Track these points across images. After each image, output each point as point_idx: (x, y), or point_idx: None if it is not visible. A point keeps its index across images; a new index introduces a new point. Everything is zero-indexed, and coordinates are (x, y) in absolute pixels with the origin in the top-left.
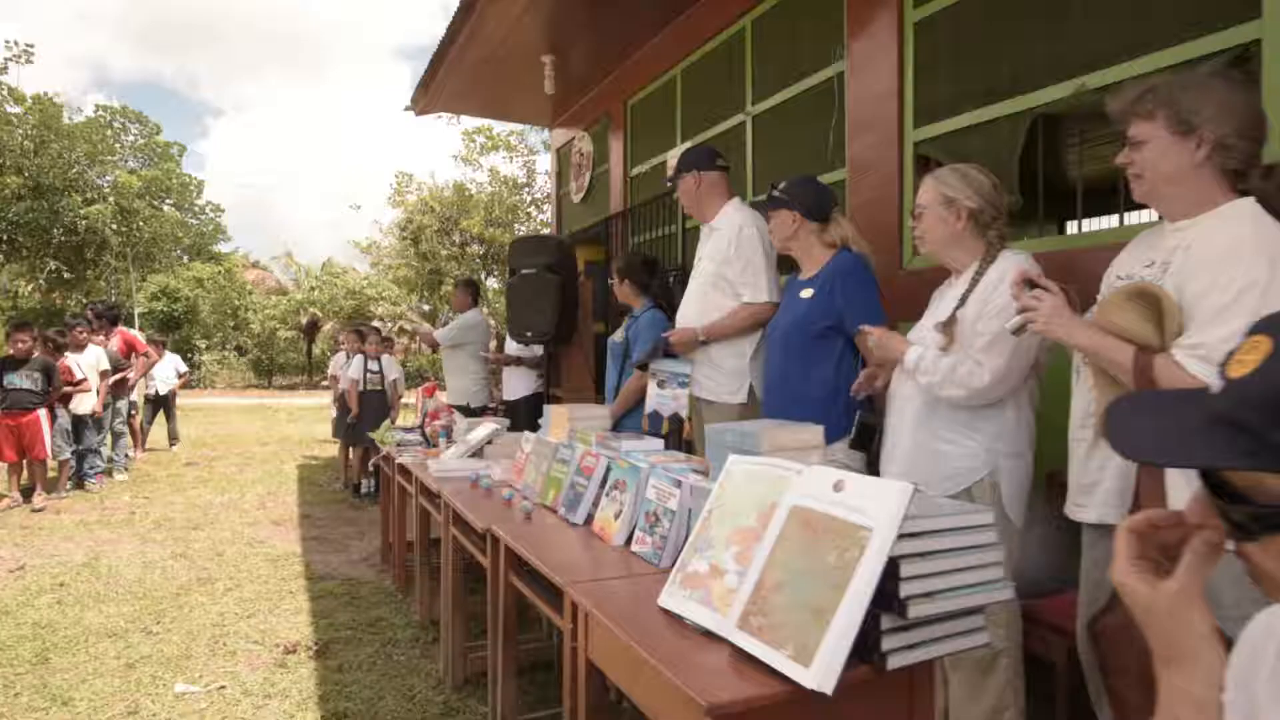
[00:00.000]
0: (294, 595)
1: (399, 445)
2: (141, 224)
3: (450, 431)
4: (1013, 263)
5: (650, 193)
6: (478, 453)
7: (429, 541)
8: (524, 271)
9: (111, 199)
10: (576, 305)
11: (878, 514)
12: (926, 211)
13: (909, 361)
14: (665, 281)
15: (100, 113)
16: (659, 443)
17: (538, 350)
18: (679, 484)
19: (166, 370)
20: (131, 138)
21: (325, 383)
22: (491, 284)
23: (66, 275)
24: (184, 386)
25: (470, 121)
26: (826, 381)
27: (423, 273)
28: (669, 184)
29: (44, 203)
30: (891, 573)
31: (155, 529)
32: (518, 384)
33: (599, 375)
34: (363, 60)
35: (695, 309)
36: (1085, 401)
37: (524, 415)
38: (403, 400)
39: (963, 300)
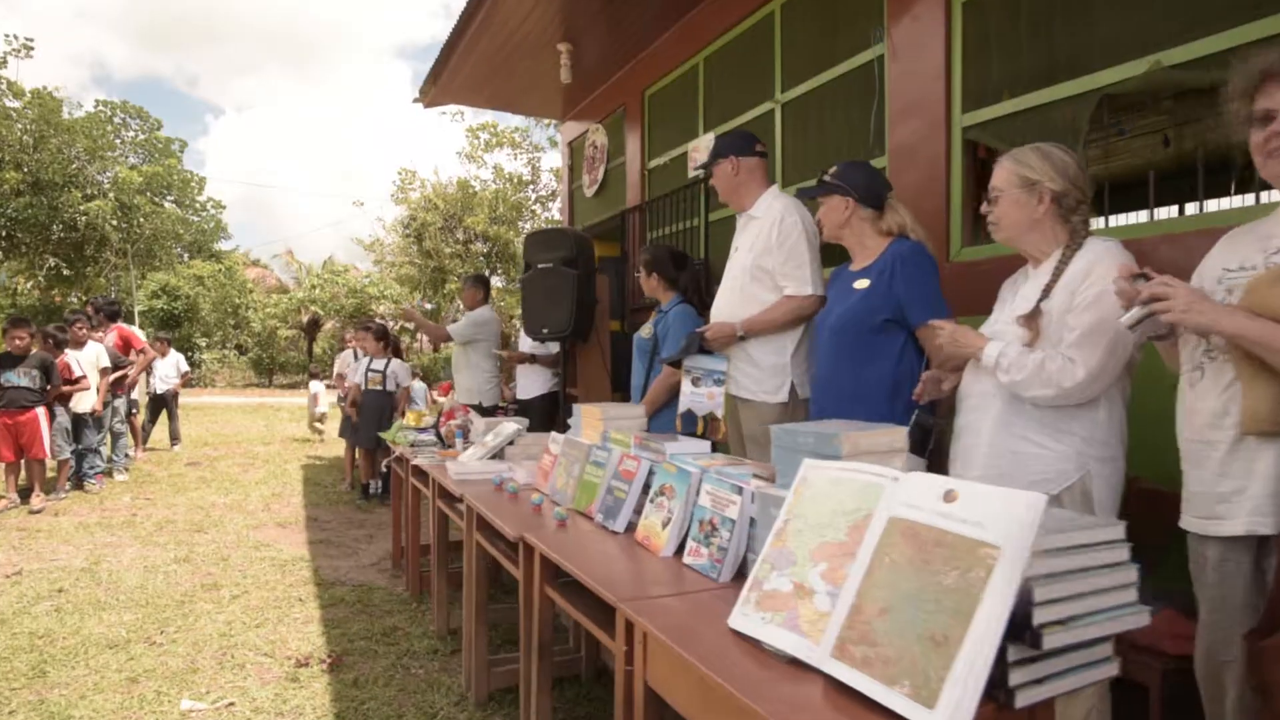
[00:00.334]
0: (303, 603)
1: (413, 446)
2: (142, 220)
3: (466, 431)
4: (1103, 250)
5: (669, 185)
6: (497, 454)
7: (446, 546)
8: (540, 266)
9: (111, 195)
10: (595, 301)
11: (1003, 529)
12: (1003, 195)
13: (988, 357)
14: (695, 275)
15: (100, 108)
16: (705, 444)
17: (552, 348)
18: (739, 490)
19: (168, 369)
20: (132, 133)
21: (330, 382)
22: (496, 282)
23: (66, 272)
24: (184, 385)
25: (474, 118)
26: (884, 378)
27: (426, 270)
28: (702, 170)
29: (43, 198)
30: (1023, 597)
31: (157, 531)
32: (532, 383)
33: (615, 374)
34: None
35: (732, 302)
36: (1220, 402)
37: (538, 415)
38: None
39: (1046, 291)
